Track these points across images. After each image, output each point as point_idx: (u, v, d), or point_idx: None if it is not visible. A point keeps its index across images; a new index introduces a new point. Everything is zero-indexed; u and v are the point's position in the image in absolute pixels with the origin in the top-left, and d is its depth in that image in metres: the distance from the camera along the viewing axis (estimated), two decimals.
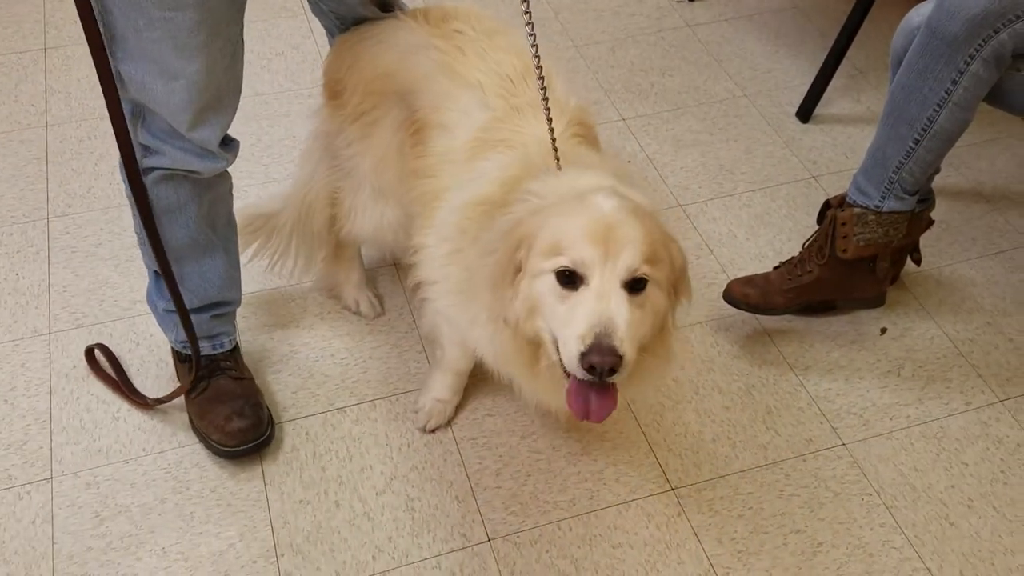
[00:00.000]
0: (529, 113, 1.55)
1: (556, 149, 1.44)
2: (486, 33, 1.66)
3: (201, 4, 1.38)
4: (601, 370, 1.23)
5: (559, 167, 1.44)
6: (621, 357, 1.23)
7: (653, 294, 1.32)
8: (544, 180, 1.42)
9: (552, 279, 1.29)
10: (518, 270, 1.35)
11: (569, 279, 1.28)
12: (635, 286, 1.29)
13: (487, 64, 1.61)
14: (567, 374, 1.32)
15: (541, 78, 1.42)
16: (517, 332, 1.37)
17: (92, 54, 1.40)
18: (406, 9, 1.79)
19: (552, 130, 1.44)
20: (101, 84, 1.43)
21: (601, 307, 1.25)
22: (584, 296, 1.27)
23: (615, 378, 1.26)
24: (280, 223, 1.99)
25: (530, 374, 1.43)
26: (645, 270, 1.28)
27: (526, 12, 1.35)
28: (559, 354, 1.31)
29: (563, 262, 1.28)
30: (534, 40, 1.39)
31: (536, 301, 1.32)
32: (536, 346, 1.39)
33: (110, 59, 1.42)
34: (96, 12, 1.38)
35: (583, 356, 1.23)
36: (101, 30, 1.38)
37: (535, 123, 1.53)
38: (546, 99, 1.43)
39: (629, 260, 1.27)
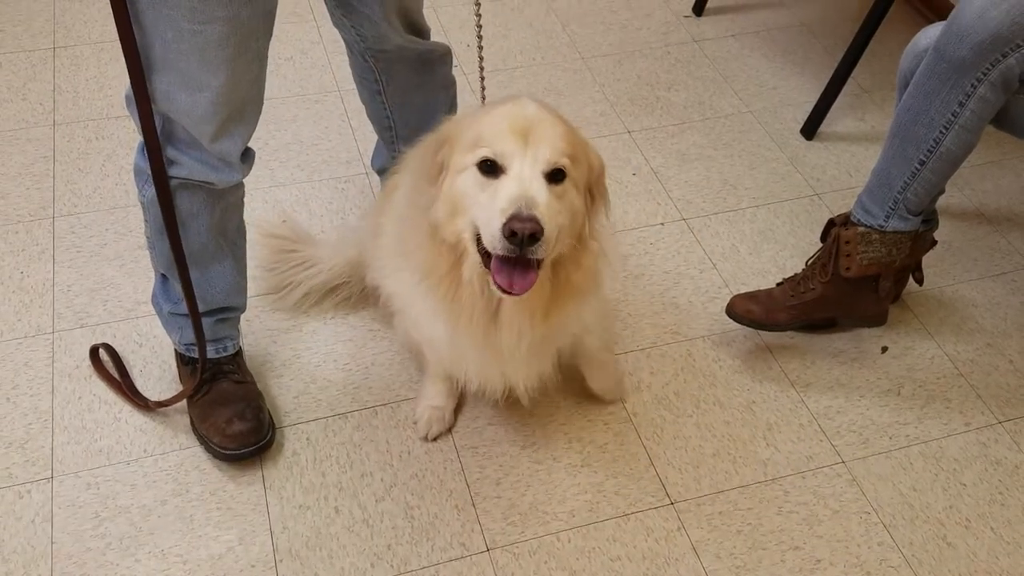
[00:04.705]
0: None
1: (484, 87, 1.57)
2: None
3: (232, 18, 1.37)
4: (522, 237, 1.27)
5: (483, 101, 1.54)
6: (542, 227, 1.27)
7: (570, 192, 1.38)
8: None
9: (474, 171, 1.35)
10: (440, 170, 1.41)
11: (490, 168, 1.34)
12: (554, 177, 1.34)
13: None
14: (489, 261, 1.36)
15: (478, 15, 1.55)
16: (437, 235, 1.41)
17: (128, 66, 1.39)
18: (428, 32, 1.87)
19: (482, 68, 1.57)
20: (135, 96, 1.43)
21: (522, 187, 1.30)
22: (504, 182, 1.32)
23: (536, 250, 1.29)
24: None
25: (453, 297, 1.46)
26: (564, 163, 1.35)
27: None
28: (479, 249, 1.36)
29: (484, 153, 1.33)
30: (478, 10, 1.55)
31: (458, 197, 1.37)
32: (458, 258, 1.42)
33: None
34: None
35: (504, 225, 1.27)
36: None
37: None
38: (480, 38, 1.57)
39: (548, 152, 1.33)
